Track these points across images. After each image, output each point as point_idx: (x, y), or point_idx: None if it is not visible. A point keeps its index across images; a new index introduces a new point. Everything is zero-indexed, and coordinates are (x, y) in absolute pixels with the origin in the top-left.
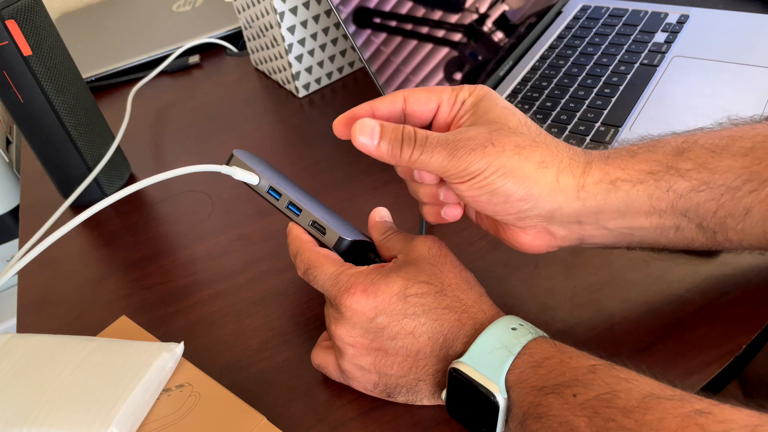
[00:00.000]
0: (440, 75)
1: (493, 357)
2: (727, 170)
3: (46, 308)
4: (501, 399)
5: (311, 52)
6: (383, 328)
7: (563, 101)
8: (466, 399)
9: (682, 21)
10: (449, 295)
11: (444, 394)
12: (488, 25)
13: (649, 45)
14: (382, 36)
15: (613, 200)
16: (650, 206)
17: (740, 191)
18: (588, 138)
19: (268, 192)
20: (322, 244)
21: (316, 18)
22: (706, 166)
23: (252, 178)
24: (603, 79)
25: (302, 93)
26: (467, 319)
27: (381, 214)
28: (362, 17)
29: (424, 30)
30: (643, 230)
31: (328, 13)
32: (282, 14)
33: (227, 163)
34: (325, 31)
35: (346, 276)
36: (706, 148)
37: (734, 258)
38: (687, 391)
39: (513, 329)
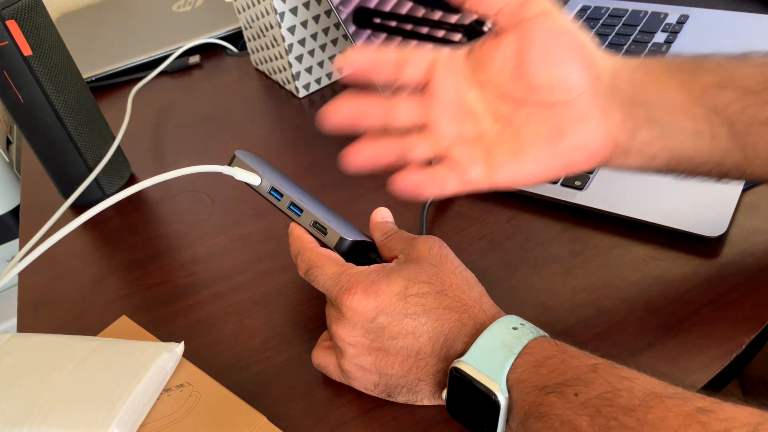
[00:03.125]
0: None
1: (494, 356)
2: (747, 75)
3: (46, 308)
4: (502, 398)
5: (311, 53)
6: (384, 328)
7: None
8: (467, 398)
9: (682, 21)
10: (450, 295)
11: (445, 394)
12: (488, 25)
13: (649, 45)
14: (382, 36)
15: (652, 82)
16: (684, 97)
17: (761, 96)
18: None
19: (269, 192)
20: (323, 245)
21: (316, 18)
22: (725, 67)
23: (254, 179)
24: None
25: (302, 93)
26: (468, 319)
27: (382, 214)
28: (362, 17)
29: (424, 30)
30: (684, 132)
31: (329, 13)
32: (282, 14)
33: (229, 164)
34: (326, 31)
35: (347, 276)
36: (724, 57)
37: (734, 258)
38: (688, 390)
39: (514, 329)
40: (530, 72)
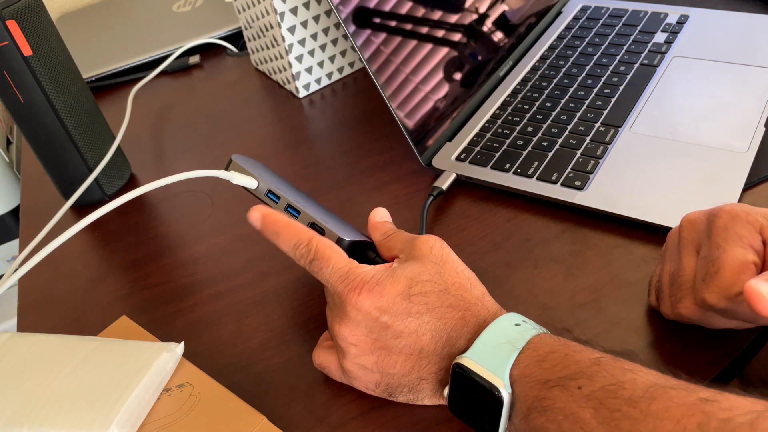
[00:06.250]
0: (440, 75)
1: (497, 352)
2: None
3: (46, 308)
4: (505, 393)
5: (311, 53)
6: (387, 327)
7: (563, 101)
8: (470, 395)
9: (682, 21)
10: (452, 294)
11: (446, 391)
12: (488, 25)
13: (649, 45)
14: (382, 36)
15: None
16: None
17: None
18: (588, 138)
19: (266, 195)
20: None
21: (316, 18)
22: None
23: (250, 183)
24: (603, 79)
25: (302, 93)
26: (470, 316)
27: (380, 214)
28: (362, 17)
29: (424, 30)
30: None
31: (328, 13)
32: (282, 14)
33: (226, 168)
34: (325, 31)
35: (354, 274)
36: None
37: None
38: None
39: (516, 325)
40: None
